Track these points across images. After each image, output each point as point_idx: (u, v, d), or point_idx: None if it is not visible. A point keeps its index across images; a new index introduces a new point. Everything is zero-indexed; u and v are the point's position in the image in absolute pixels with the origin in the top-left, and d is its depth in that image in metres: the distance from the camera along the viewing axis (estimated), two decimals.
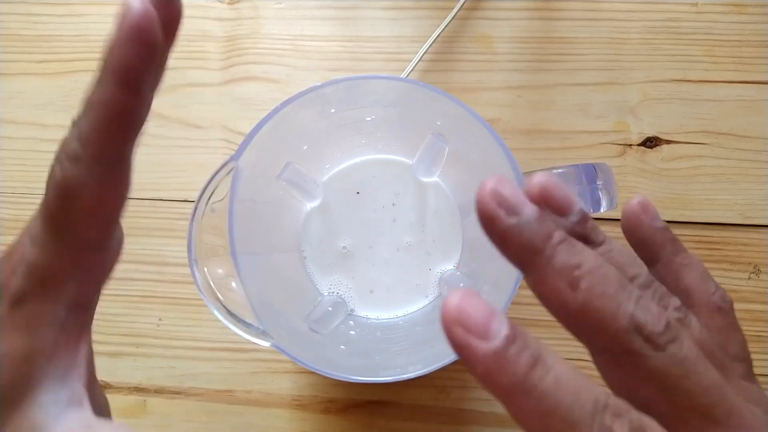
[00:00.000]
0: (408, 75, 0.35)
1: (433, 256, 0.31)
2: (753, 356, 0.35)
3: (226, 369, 0.35)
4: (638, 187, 0.36)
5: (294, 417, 0.35)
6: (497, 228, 0.14)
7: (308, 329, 0.29)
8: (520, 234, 0.13)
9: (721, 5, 0.36)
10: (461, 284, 0.30)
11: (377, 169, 0.32)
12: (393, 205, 0.32)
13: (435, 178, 0.32)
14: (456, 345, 0.12)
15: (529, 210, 0.14)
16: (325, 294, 0.31)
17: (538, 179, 0.15)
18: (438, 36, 0.36)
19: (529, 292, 0.14)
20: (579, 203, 0.15)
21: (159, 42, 0.14)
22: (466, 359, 0.12)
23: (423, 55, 0.35)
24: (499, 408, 0.35)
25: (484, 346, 0.12)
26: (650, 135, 0.36)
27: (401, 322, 0.31)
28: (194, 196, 0.24)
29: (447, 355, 0.23)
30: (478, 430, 0.34)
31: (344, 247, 0.31)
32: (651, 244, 0.19)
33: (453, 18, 0.36)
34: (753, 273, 0.35)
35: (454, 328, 0.12)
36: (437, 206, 0.32)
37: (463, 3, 0.36)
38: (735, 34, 0.36)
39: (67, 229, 0.14)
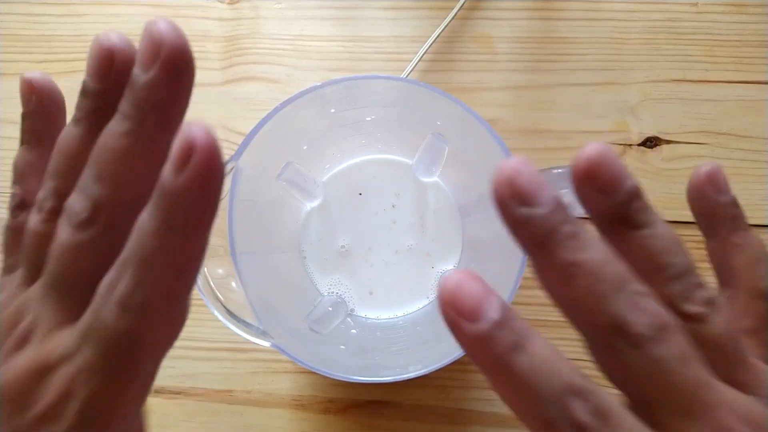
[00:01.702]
0: (408, 75, 0.35)
1: (433, 256, 0.31)
2: None
3: (226, 369, 0.35)
4: None
5: (294, 417, 0.35)
6: (507, 215, 0.14)
7: (308, 329, 0.29)
8: (528, 224, 0.14)
9: (721, 5, 0.36)
10: None
11: (377, 169, 0.32)
12: (393, 206, 0.32)
13: (435, 178, 0.32)
14: (448, 324, 0.13)
15: (544, 199, 0.14)
16: (325, 294, 0.31)
17: (590, 152, 0.14)
18: (438, 36, 0.36)
19: (529, 292, 0.14)
20: (631, 179, 0.15)
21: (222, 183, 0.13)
22: (455, 337, 0.13)
23: (423, 55, 0.35)
24: (499, 408, 0.35)
25: (471, 328, 0.13)
26: (650, 135, 0.36)
27: (401, 322, 0.31)
28: None
29: (447, 355, 0.23)
30: (478, 430, 0.34)
31: (343, 246, 0.31)
32: (710, 217, 0.19)
33: (453, 18, 0.36)
34: None
35: (447, 309, 0.13)
36: (437, 206, 0.32)
37: (463, 3, 0.36)
38: (735, 34, 0.36)
39: (128, 368, 0.14)
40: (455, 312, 0.13)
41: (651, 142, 0.36)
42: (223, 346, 0.35)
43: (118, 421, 0.14)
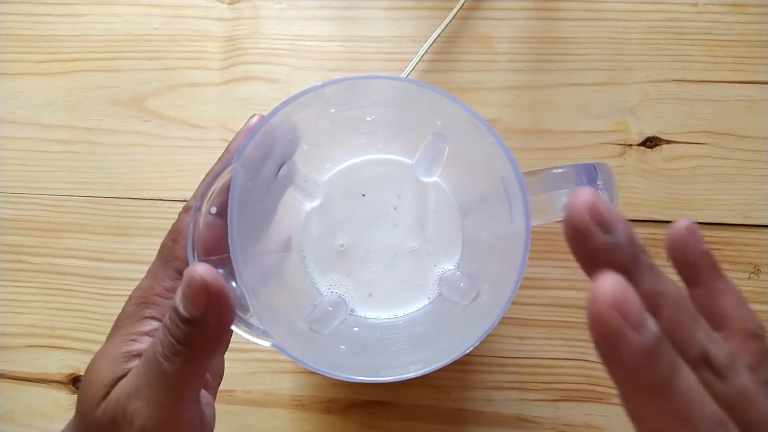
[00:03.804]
0: (408, 75, 0.35)
1: (433, 256, 0.31)
2: None
3: (226, 369, 0.35)
4: (638, 187, 0.36)
5: (294, 417, 0.35)
6: (589, 244, 0.13)
7: (308, 329, 0.29)
8: (611, 253, 0.13)
9: (721, 5, 0.36)
10: (461, 284, 0.30)
11: (377, 169, 0.32)
12: (394, 208, 0.32)
13: (435, 178, 0.32)
14: (606, 331, 0.12)
15: (622, 228, 0.13)
16: (325, 294, 0.31)
17: (584, 199, 0.14)
18: (438, 36, 0.36)
19: (529, 292, 0.14)
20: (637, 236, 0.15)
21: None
22: (612, 349, 0.12)
23: (423, 55, 0.35)
24: (499, 408, 0.35)
25: (639, 339, 0.12)
26: (650, 135, 0.36)
27: (401, 322, 0.31)
28: None
29: (447, 355, 0.23)
30: (478, 430, 0.34)
31: (342, 245, 0.31)
32: (694, 267, 0.19)
33: (453, 18, 0.36)
34: (753, 273, 0.35)
35: (610, 313, 0.12)
36: (437, 206, 0.32)
37: (463, 3, 0.36)
38: (735, 34, 0.36)
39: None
40: (622, 316, 0.12)
41: (651, 142, 0.36)
42: None
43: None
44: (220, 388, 0.35)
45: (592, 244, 0.13)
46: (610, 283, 0.12)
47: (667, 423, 0.12)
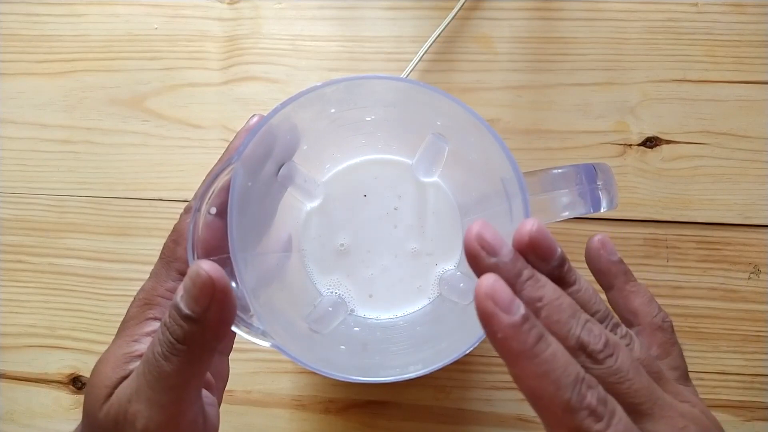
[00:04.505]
0: (408, 75, 0.35)
1: (433, 256, 0.31)
2: (753, 356, 0.35)
3: None
4: (638, 186, 0.36)
5: (294, 417, 0.35)
6: (480, 265, 0.17)
7: (308, 329, 0.29)
8: (497, 271, 0.17)
9: (721, 5, 0.36)
10: (461, 284, 0.30)
11: (377, 169, 0.32)
12: (395, 209, 0.32)
13: (435, 178, 0.32)
14: (484, 313, 0.16)
15: (506, 252, 0.17)
16: (325, 294, 0.31)
17: (530, 228, 0.18)
18: (438, 36, 0.36)
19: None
20: (559, 248, 0.19)
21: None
22: (489, 326, 0.16)
23: (423, 55, 0.35)
24: (499, 408, 0.35)
25: (507, 318, 0.16)
26: (650, 135, 0.36)
27: (401, 322, 0.31)
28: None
29: (447, 355, 0.23)
30: (478, 430, 0.34)
31: (342, 245, 0.31)
32: (607, 274, 0.23)
33: (453, 18, 0.36)
34: (753, 273, 0.35)
35: (486, 300, 0.16)
36: (437, 206, 0.32)
37: (463, 3, 0.36)
38: (735, 34, 0.36)
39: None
40: (493, 302, 0.16)
41: (651, 142, 0.36)
42: None
43: None
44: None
45: (482, 264, 0.17)
46: (486, 279, 0.16)
47: (535, 381, 0.16)
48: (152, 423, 0.19)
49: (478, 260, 0.17)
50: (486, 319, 0.16)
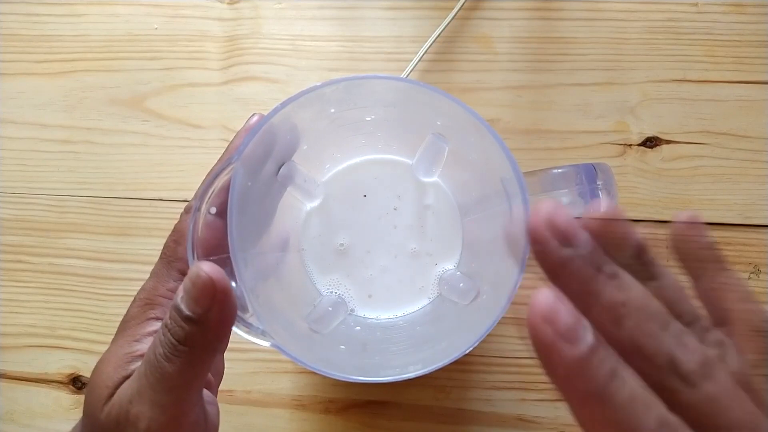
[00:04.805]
0: (408, 75, 0.35)
1: (433, 256, 0.31)
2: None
3: (226, 369, 0.35)
4: (638, 187, 0.36)
5: (294, 417, 0.35)
6: (549, 257, 0.14)
7: (308, 329, 0.29)
8: (569, 266, 0.14)
9: (721, 5, 0.36)
10: (461, 284, 0.30)
11: (377, 169, 0.32)
12: (395, 209, 0.32)
13: (435, 178, 0.32)
14: (540, 344, 0.13)
15: (584, 241, 0.14)
16: (325, 294, 0.31)
17: (601, 212, 0.15)
18: (438, 36, 0.36)
19: (529, 292, 0.14)
20: (638, 234, 0.15)
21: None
22: (547, 360, 0.13)
23: (423, 55, 0.35)
24: (499, 408, 0.35)
25: (571, 350, 0.12)
26: (650, 135, 0.36)
27: (401, 322, 0.31)
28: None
29: (447, 355, 0.23)
30: (478, 430, 0.34)
31: (342, 244, 0.31)
32: (695, 260, 0.19)
33: (453, 18, 0.36)
34: (753, 273, 0.35)
35: (542, 327, 0.12)
36: (437, 206, 0.32)
37: (463, 3, 0.36)
38: (735, 34, 0.36)
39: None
40: (553, 330, 0.12)
41: (651, 142, 0.36)
42: None
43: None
44: (220, 388, 0.35)
45: (552, 258, 0.14)
46: (542, 298, 0.13)
47: (607, 429, 0.13)
48: (155, 424, 0.19)
49: (546, 251, 0.14)
50: (543, 349, 0.13)
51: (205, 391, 0.23)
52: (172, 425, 0.19)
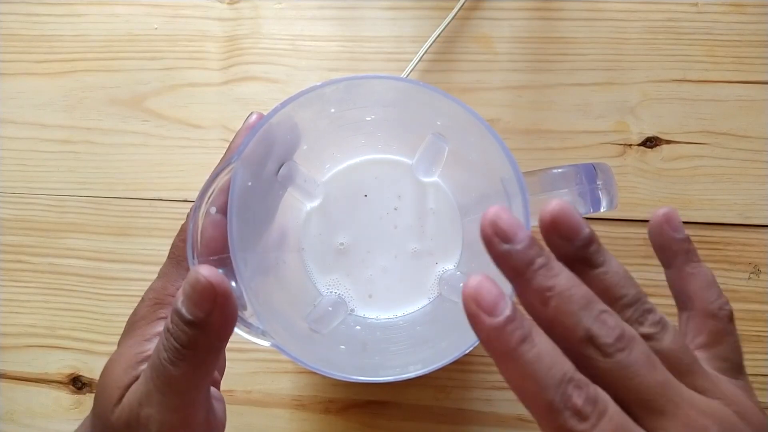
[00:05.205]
0: (408, 75, 0.35)
1: (433, 256, 0.31)
2: (754, 356, 0.35)
3: (226, 369, 0.35)
4: (638, 187, 0.36)
5: (294, 417, 0.35)
6: (493, 251, 0.17)
7: (308, 329, 0.29)
8: (509, 258, 0.17)
9: (721, 5, 0.36)
10: (461, 284, 0.30)
11: (377, 169, 0.32)
12: (395, 209, 0.32)
13: (435, 178, 0.32)
14: (468, 314, 0.16)
15: (520, 237, 0.17)
16: (325, 294, 0.31)
17: (552, 208, 0.17)
18: (438, 36, 0.36)
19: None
20: (587, 228, 0.18)
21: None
22: (474, 327, 0.16)
23: (423, 55, 0.35)
24: (499, 408, 0.35)
25: (489, 320, 0.16)
26: (650, 135, 0.36)
27: (401, 322, 0.31)
28: (194, 196, 0.24)
29: (447, 355, 0.23)
30: (478, 430, 0.34)
31: (342, 244, 0.31)
32: (667, 251, 0.22)
33: (453, 18, 0.36)
34: (753, 273, 0.35)
35: (469, 302, 0.16)
36: (437, 206, 0.32)
37: (463, 3, 0.36)
38: (735, 34, 0.36)
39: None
40: (477, 306, 0.16)
41: (651, 142, 0.36)
42: None
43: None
44: (221, 388, 0.35)
45: (495, 251, 0.17)
46: (471, 280, 0.16)
47: (520, 382, 0.16)
48: (166, 426, 0.19)
49: (491, 246, 0.17)
50: (470, 319, 0.16)
51: (212, 389, 0.23)
52: (183, 426, 0.19)
